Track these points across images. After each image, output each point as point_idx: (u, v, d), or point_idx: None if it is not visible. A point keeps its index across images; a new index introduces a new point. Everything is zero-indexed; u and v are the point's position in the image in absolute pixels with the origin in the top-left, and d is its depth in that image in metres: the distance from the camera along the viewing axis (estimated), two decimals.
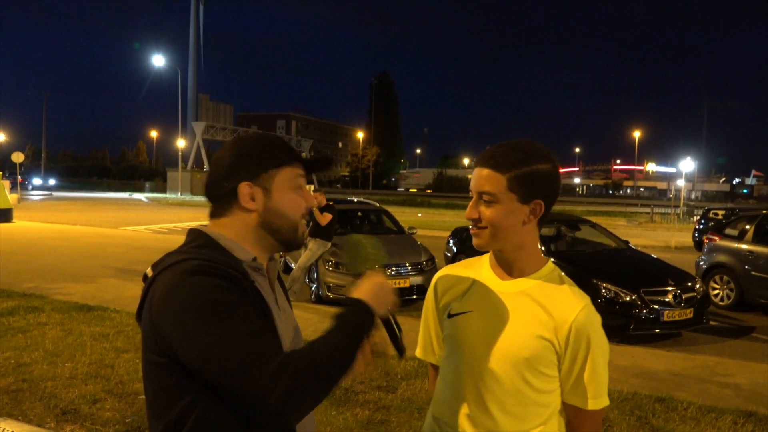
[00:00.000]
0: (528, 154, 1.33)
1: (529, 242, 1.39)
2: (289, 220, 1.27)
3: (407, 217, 24.42)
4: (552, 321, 1.34)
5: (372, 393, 4.41)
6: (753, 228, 8.63)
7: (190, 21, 59.15)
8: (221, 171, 1.25)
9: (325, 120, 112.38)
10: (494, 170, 1.33)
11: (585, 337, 1.33)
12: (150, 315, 1.14)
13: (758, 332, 7.46)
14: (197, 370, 1.08)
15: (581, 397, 1.35)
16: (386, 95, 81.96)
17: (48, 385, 4.41)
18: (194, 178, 51.10)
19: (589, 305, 1.36)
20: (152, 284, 1.16)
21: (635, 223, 28.06)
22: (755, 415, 4.25)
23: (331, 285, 7.94)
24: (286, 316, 1.29)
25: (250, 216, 1.24)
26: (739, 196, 74.72)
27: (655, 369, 5.39)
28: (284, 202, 1.26)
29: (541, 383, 1.35)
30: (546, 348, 1.34)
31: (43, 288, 8.28)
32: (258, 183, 1.24)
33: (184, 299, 1.09)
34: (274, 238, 1.27)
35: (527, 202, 1.33)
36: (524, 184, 1.32)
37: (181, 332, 1.08)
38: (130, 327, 6.15)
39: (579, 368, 1.34)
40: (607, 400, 1.36)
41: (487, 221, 1.34)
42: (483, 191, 1.34)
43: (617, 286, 6.65)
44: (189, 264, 1.13)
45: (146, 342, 1.16)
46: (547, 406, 1.37)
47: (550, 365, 1.35)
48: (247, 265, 1.21)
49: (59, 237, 15.11)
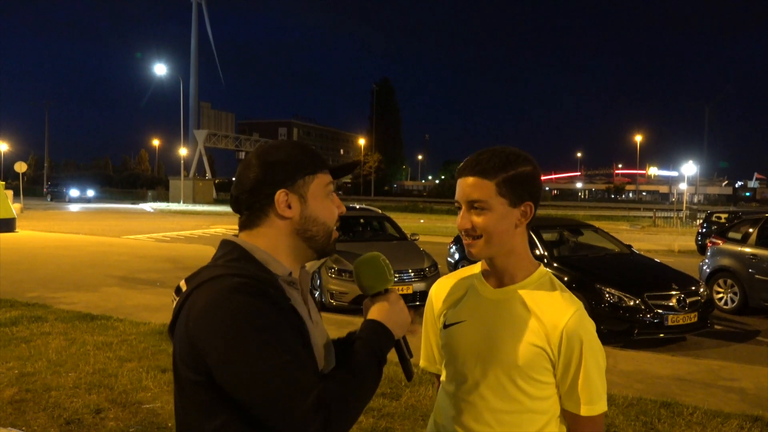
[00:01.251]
0: (510, 158, 1.34)
1: (519, 247, 1.39)
2: (325, 227, 1.26)
3: (409, 223, 24.43)
4: (543, 327, 1.33)
5: (376, 400, 4.40)
6: (756, 231, 8.61)
7: (192, 30, 59.44)
8: (253, 179, 1.22)
9: (327, 127, 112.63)
10: (481, 177, 1.33)
11: (577, 343, 1.32)
12: (186, 331, 1.11)
13: (763, 336, 7.43)
14: (231, 393, 1.07)
15: (576, 403, 1.33)
16: (387, 102, 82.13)
17: (51, 395, 4.40)
18: (197, 186, 51.19)
19: (581, 310, 1.35)
20: (188, 298, 1.14)
21: (638, 227, 28.02)
22: (761, 420, 4.22)
23: (333, 292, 7.92)
24: (319, 329, 1.27)
25: (285, 224, 1.23)
26: (742, 200, 74.59)
27: (659, 374, 5.37)
28: (319, 209, 1.25)
29: (536, 390, 1.34)
30: (538, 355, 1.33)
31: (46, 297, 8.29)
32: (294, 190, 1.22)
33: (226, 319, 1.07)
34: (308, 245, 1.26)
35: (517, 205, 1.34)
36: (513, 187, 1.33)
37: (220, 353, 1.06)
38: (133, 336, 6.15)
39: (573, 374, 1.32)
40: (604, 407, 1.34)
41: (481, 229, 1.34)
42: (473, 200, 1.34)
43: (621, 290, 6.63)
44: (230, 281, 1.10)
45: (180, 357, 1.14)
46: (544, 412, 1.35)
47: (544, 372, 1.34)
48: (283, 280, 1.20)
49: (62, 246, 15.14)
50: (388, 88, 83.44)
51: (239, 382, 1.06)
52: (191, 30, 59.27)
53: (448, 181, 71.17)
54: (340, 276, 7.96)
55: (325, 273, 8.03)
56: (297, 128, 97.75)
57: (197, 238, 19.27)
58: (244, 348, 1.05)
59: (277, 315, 1.10)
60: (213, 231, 21.90)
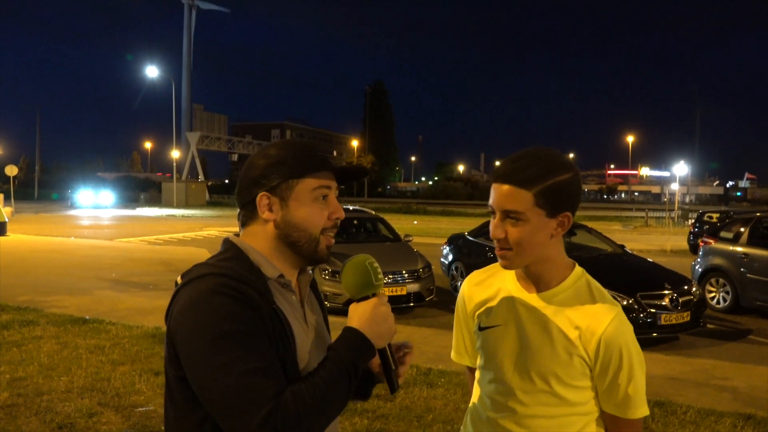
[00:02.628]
0: (549, 165, 1.27)
1: (555, 254, 1.35)
2: (306, 233, 1.22)
3: (403, 224, 24.43)
4: (581, 334, 1.31)
5: (370, 401, 4.39)
6: (747, 230, 8.67)
7: (184, 32, 59.29)
8: (247, 178, 1.24)
9: (320, 129, 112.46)
10: (518, 186, 1.26)
11: (616, 349, 1.29)
12: (168, 326, 1.15)
13: (755, 335, 7.47)
14: (196, 392, 1.10)
15: (616, 406, 1.32)
16: (380, 104, 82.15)
17: (43, 400, 4.37)
18: (189, 188, 50.96)
19: (619, 316, 1.32)
20: (177, 294, 1.17)
21: (630, 227, 28.13)
22: (754, 418, 4.25)
23: (327, 294, 7.91)
24: (314, 332, 1.26)
25: (269, 226, 1.22)
26: (733, 199, 75.02)
27: (653, 373, 5.39)
28: (301, 215, 1.21)
29: (573, 395, 1.33)
30: (577, 363, 1.31)
31: (37, 301, 8.23)
32: (276, 193, 1.21)
33: (199, 319, 1.09)
34: (292, 251, 1.23)
35: (555, 216, 1.29)
36: (551, 198, 1.26)
37: (188, 352, 1.09)
38: (126, 339, 6.11)
39: (611, 379, 1.30)
40: (646, 410, 1.32)
41: (515, 241, 1.29)
42: (508, 209, 1.28)
43: (614, 290, 6.65)
44: (212, 281, 1.11)
45: (166, 351, 1.18)
46: (583, 414, 1.35)
47: (581, 378, 1.32)
48: (274, 281, 1.19)
49: (54, 250, 15.04)
50: (382, 90, 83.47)
51: (200, 383, 1.08)
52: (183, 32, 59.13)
53: (441, 183, 71.23)
54: (333, 278, 7.95)
55: (319, 275, 8.03)
56: (290, 130, 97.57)
57: (190, 240, 19.19)
58: (210, 351, 1.06)
59: (252, 319, 1.09)
60: (206, 233, 21.81)
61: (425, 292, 8.21)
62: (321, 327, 1.32)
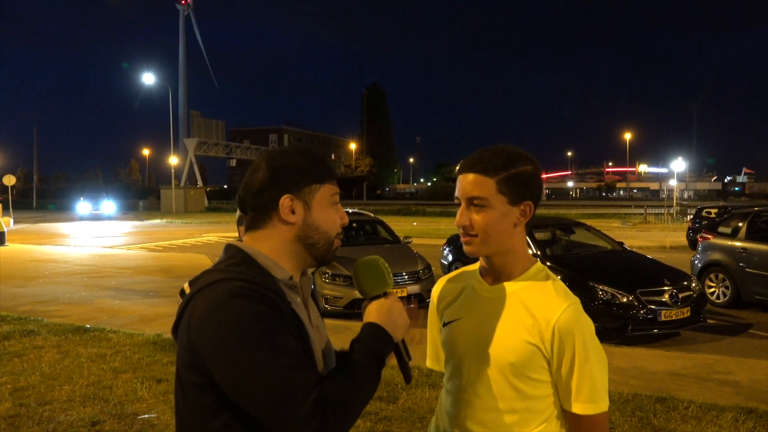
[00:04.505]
0: (511, 157, 1.34)
1: (517, 245, 1.38)
2: (326, 236, 1.27)
3: (402, 226, 24.44)
4: (536, 324, 1.31)
5: (373, 403, 4.39)
6: (746, 225, 8.68)
7: (180, 39, 59.34)
8: (261, 182, 1.24)
9: (318, 132, 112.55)
10: (482, 174, 1.33)
11: (570, 339, 1.28)
12: (188, 334, 1.14)
13: (755, 329, 7.48)
14: (231, 395, 1.10)
15: (573, 402, 1.29)
16: (378, 106, 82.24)
17: (46, 409, 4.37)
18: (188, 194, 50.95)
19: (574, 305, 1.31)
20: (190, 301, 1.16)
21: (629, 224, 28.16)
22: (756, 412, 4.25)
23: (328, 297, 7.92)
24: (319, 333, 1.29)
25: (288, 229, 1.24)
26: (731, 194, 75.16)
27: (654, 369, 5.40)
28: (323, 218, 1.26)
29: (531, 389, 1.32)
30: (533, 353, 1.30)
31: (38, 311, 8.22)
32: (299, 197, 1.24)
33: (225, 322, 1.09)
34: (308, 252, 1.27)
35: (517, 203, 1.34)
36: (513, 185, 1.32)
37: (219, 355, 1.09)
38: (128, 347, 6.11)
39: (567, 371, 1.29)
40: (604, 405, 1.29)
41: (480, 227, 1.33)
42: (473, 196, 1.33)
43: (614, 287, 6.66)
44: (231, 285, 1.12)
45: (182, 359, 1.16)
46: (541, 412, 1.33)
47: (539, 370, 1.31)
48: (284, 283, 1.21)
49: (53, 259, 15.04)
50: (379, 93, 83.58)
51: (239, 386, 1.08)
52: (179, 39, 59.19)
53: (440, 184, 71.33)
54: (334, 281, 7.96)
55: (320, 278, 8.03)
56: (288, 134, 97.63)
57: (190, 246, 19.18)
58: (243, 352, 1.07)
59: (276, 318, 1.12)
60: (206, 239, 21.82)
61: (426, 293, 8.21)
62: (322, 327, 1.34)
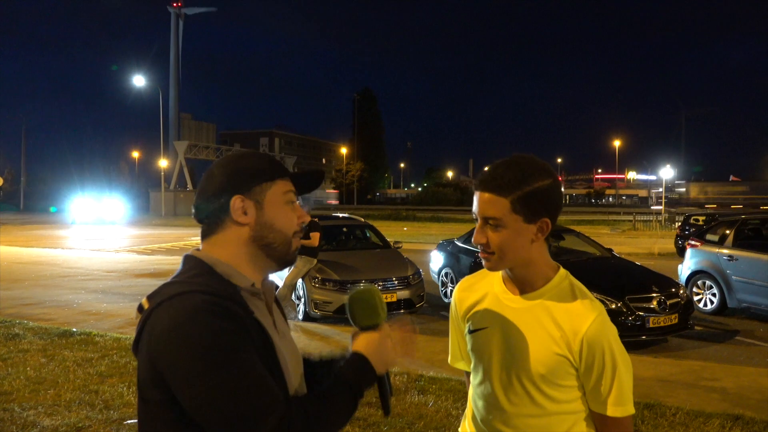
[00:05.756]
0: (527, 172, 1.32)
1: (537, 258, 1.39)
2: (282, 234, 1.24)
3: (393, 231, 24.44)
4: (564, 335, 1.34)
5: (361, 410, 4.38)
6: (733, 233, 8.76)
7: (171, 41, 59.12)
8: (212, 187, 1.22)
9: (309, 136, 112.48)
10: (496, 194, 1.32)
11: (599, 349, 1.32)
12: (148, 350, 1.10)
13: (742, 335, 7.55)
14: (192, 414, 1.07)
15: (602, 404, 1.34)
16: (369, 111, 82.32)
17: (30, 414, 4.31)
18: (177, 197, 50.64)
19: (601, 315, 1.35)
20: (150, 316, 1.12)
21: (618, 230, 28.34)
22: (742, 418, 4.29)
23: (318, 302, 7.89)
24: (285, 340, 1.27)
25: (242, 230, 1.21)
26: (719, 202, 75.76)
27: (642, 375, 5.43)
28: (277, 217, 1.23)
29: (561, 394, 1.36)
30: (561, 362, 1.34)
31: (23, 314, 8.13)
32: (250, 197, 1.22)
33: (186, 340, 1.06)
34: (266, 253, 1.24)
35: (533, 221, 1.33)
36: (527, 204, 1.31)
37: (180, 374, 1.06)
38: (114, 351, 6.06)
39: (596, 378, 1.33)
40: (631, 408, 1.34)
41: (496, 245, 1.34)
42: (488, 216, 1.33)
43: (602, 294, 6.69)
44: (192, 299, 1.09)
45: (143, 376, 1.13)
46: (572, 413, 1.38)
47: (567, 377, 1.35)
48: (246, 291, 1.19)
49: (40, 261, 14.88)
50: (370, 97, 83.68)
51: (199, 405, 1.06)
52: (170, 41, 58.97)
53: (431, 189, 71.37)
54: (324, 285, 7.93)
55: (309, 283, 8.00)
56: (279, 138, 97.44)
57: (178, 250, 19.07)
58: (204, 371, 1.04)
59: (238, 334, 1.09)
60: (195, 242, 21.69)
61: (415, 298, 8.21)
62: (288, 334, 1.33)
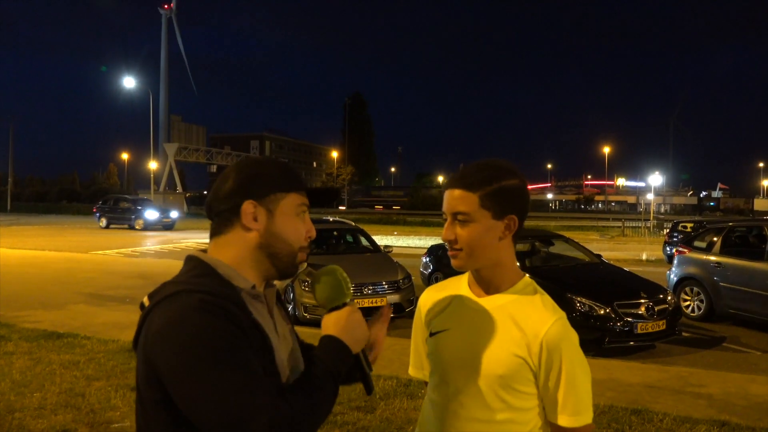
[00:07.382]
0: (496, 171, 1.36)
1: (505, 258, 1.40)
2: (289, 246, 1.24)
3: (383, 235, 24.44)
4: (524, 337, 1.33)
5: (351, 414, 4.37)
6: (720, 240, 8.85)
7: (161, 43, 58.90)
8: (227, 188, 1.23)
9: (299, 140, 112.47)
10: (466, 190, 1.35)
11: (557, 353, 1.31)
12: (144, 348, 1.12)
13: (729, 342, 7.61)
14: (185, 413, 1.08)
15: (558, 414, 1.32)
16: (360, 115, 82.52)
17: (15, 417, 4.27)
18: (167, 200, 50.35)
19: (562, 319, 1.35)
20: (149, 314, 1.14)
21: (607, 237, 28.52)
22: (728, 425, 4.32)
23: (307, 306, 7.88)
24: (285, 342, 1.27)
25: (249, 235, 1.22)
26: (707, 209, 76.56)
27: (630, 381, 5.46)
28: (286, 228, 1.24)
29: (518, 401, 1.34)
30: (520, 365, 1.33)
31: (9, 316, 8.04)
32: (263, 204, 1.22)
33: (181, 338, 1.06)
34: (270, 262, 1.24)
35: (501, 218, 1.35)
36: (496, 200, 1.34)
37: (174, 373, 1.07)
38: (102, 354, 6.00)
39: (554, 384, 1.32)
40: (589, 418, 1.32)
41: (464, 241, 1.35)
42: (457, 211, 1.35)
43: (591, 299, 6.73)
44: (189, 298, 1.10)
45: (140, 374, 1.14)
46: (525, 423, 1.35)
47: (525, 382, 1.34)
48: (246, 293, 1.19)
49: (27, 263, 14.73)
50: (361, 102, 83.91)
51: (191, 404, 1.06)
52: (161, 43, 58.75)
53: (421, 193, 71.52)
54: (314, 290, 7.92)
55: (299, 286, 7.99)
56: (269, 141, 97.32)
57: (168, 252, 18.95)
58: (197, 369, 1.05)
59: (235, 334, 1.09)
60: (184, 245, 21.57)
61: (405, 303, 8.21)
62: (288, 337, 1.33)
